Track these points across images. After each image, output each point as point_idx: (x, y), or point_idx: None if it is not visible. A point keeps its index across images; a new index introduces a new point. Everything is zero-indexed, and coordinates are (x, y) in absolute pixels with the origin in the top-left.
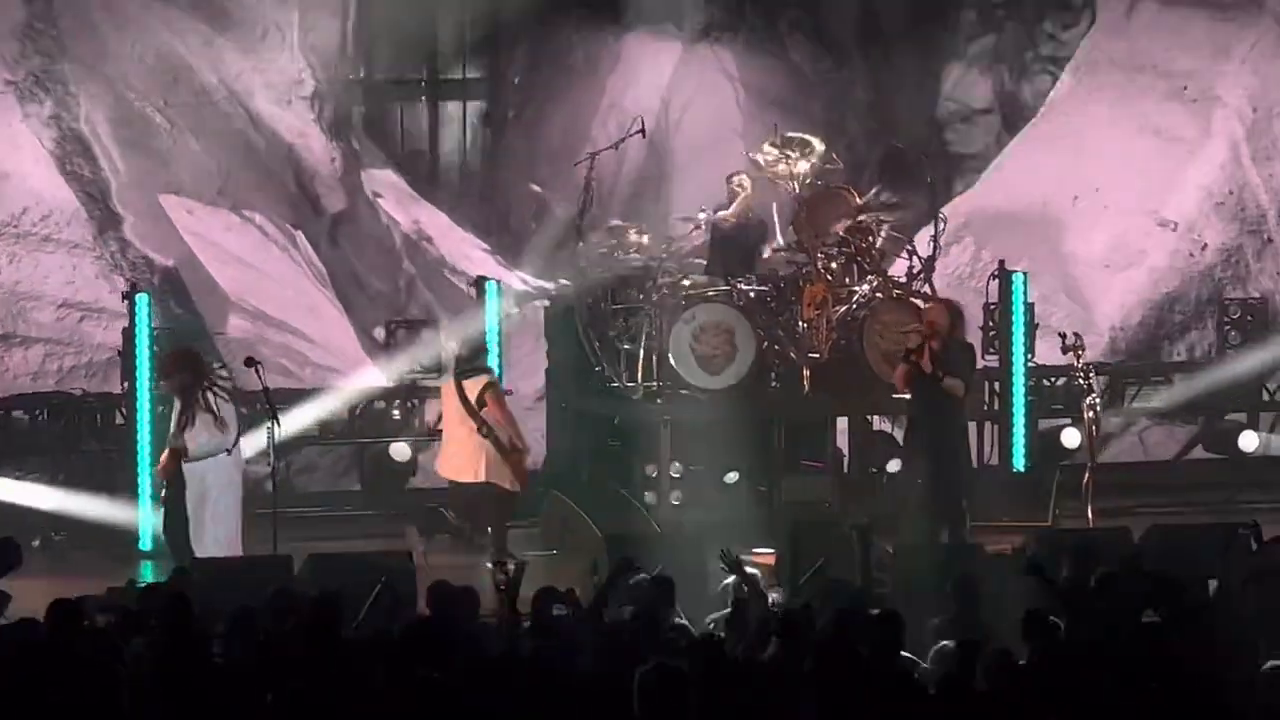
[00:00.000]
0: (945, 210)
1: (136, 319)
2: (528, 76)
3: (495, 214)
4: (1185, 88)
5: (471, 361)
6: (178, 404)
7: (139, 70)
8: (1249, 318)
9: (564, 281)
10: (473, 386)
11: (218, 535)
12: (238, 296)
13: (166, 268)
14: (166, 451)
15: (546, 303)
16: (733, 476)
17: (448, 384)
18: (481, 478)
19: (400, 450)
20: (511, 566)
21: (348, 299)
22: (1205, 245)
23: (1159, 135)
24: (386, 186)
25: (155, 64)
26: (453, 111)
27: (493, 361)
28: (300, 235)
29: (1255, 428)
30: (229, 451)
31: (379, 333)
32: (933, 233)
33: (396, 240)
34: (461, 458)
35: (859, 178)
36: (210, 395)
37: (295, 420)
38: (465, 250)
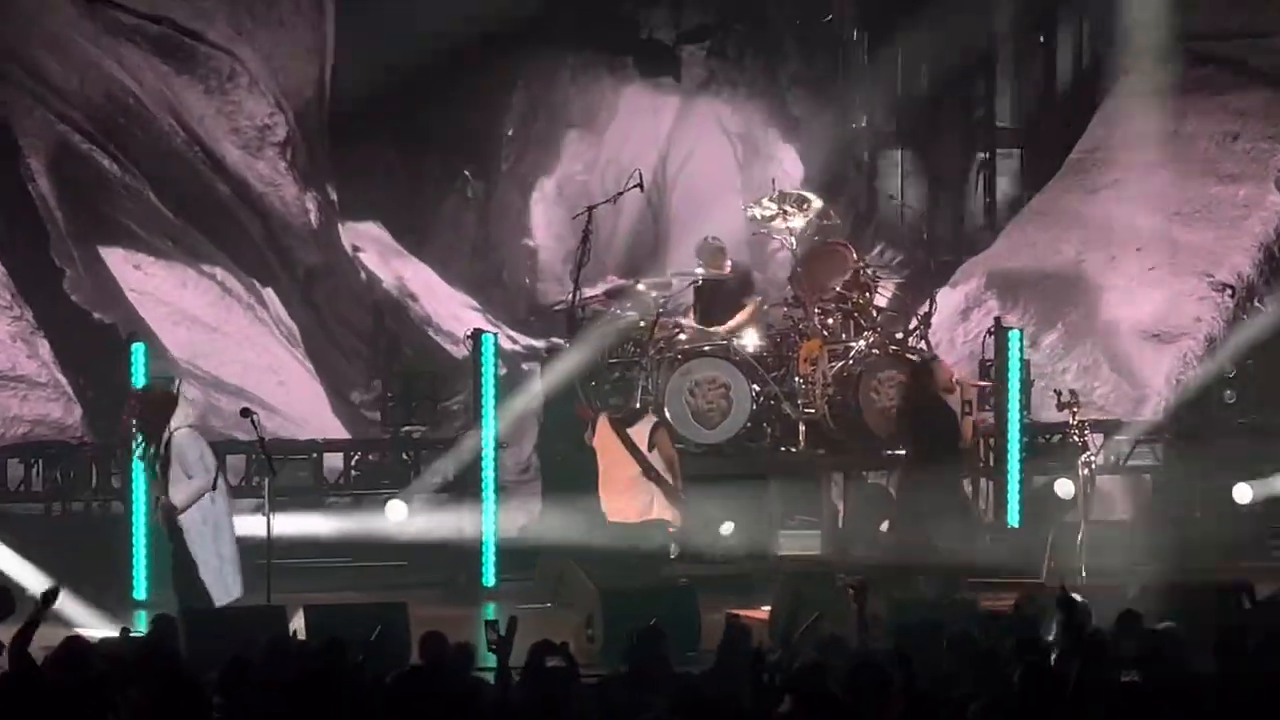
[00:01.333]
0: (963, 268)
1: (132, 368)
2: (522, 129)
3: (488, 270)
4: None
5: (625, 403)
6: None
7: (85, 110)
8: None
9: (556, 340)
10: (642, 429)
11: (225, 576)
12: (188, 360)
13: (103, 326)
14: (160, 510)
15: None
16: (728, 528)
17: (603, 426)
18: (653, 515)
19: (397, 509)
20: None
21: (322, 360)
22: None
23: (1211, 183)
24: (368, 240)
25: (105, 104)
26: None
27: (488, 417)
28: (269, 292)
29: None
30: (214, 489)
31: (356, 396)
32: (929, 289)
33: (377, 297)
34: (626, 499)
35: (861, 234)
36: (172, 440)
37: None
38: (453, 308)
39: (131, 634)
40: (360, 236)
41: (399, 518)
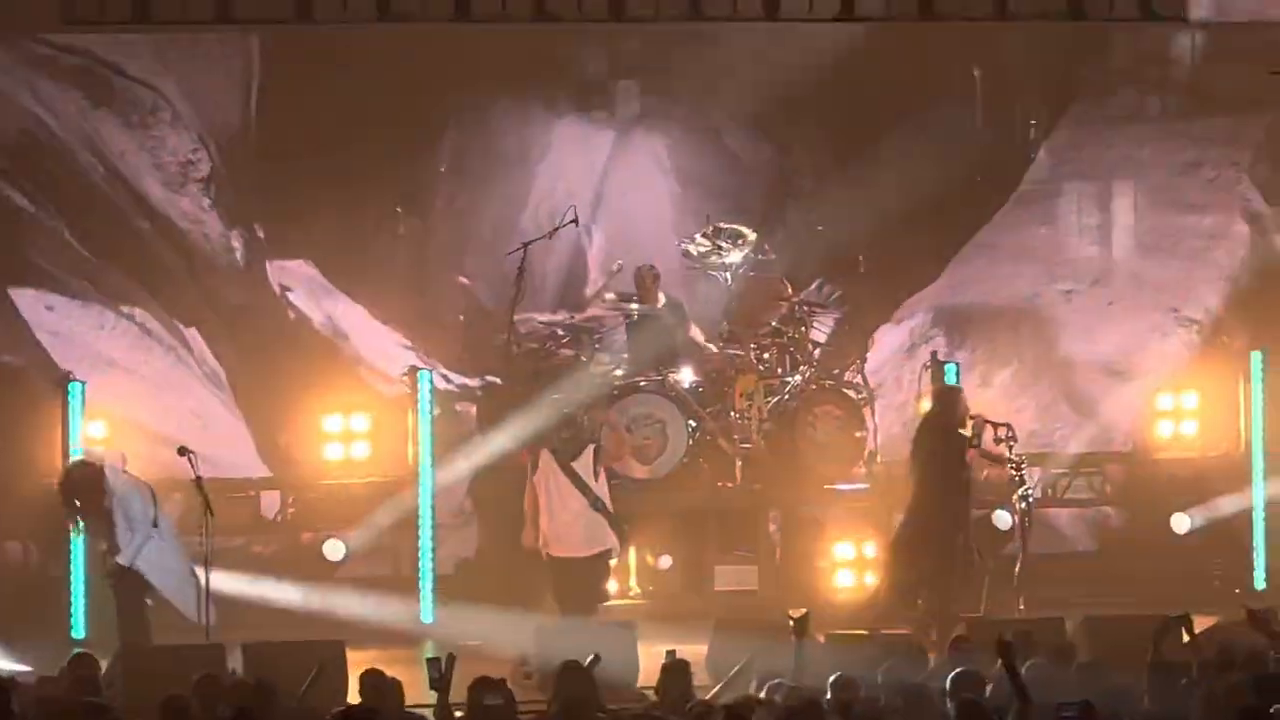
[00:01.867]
0: (907, 305)
1: (69, 409)
2: (455, 164)
3: (422, 307)
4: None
5: (573, 436)
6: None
7: None
8: None
9: (491, 378)
10: (585, 460)
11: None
12: (102, 406)
13: (14, 370)
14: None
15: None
16: (666, 561)
17: (547, 462)
18: (601, 547)
19: (334, 548)
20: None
21: (250, 403)
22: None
23: (1172, 214)
24: (298, 278)
25: (18, 137)
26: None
27: (425, 454)
28: (194, 333)
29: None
30: (155, 527)
31: (284, 440)
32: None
33: (307, 337)
34: (574, 532)
35: (800, 271)
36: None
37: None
38: (385, 346)
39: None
40: (289, 275)
41: (337, 556)
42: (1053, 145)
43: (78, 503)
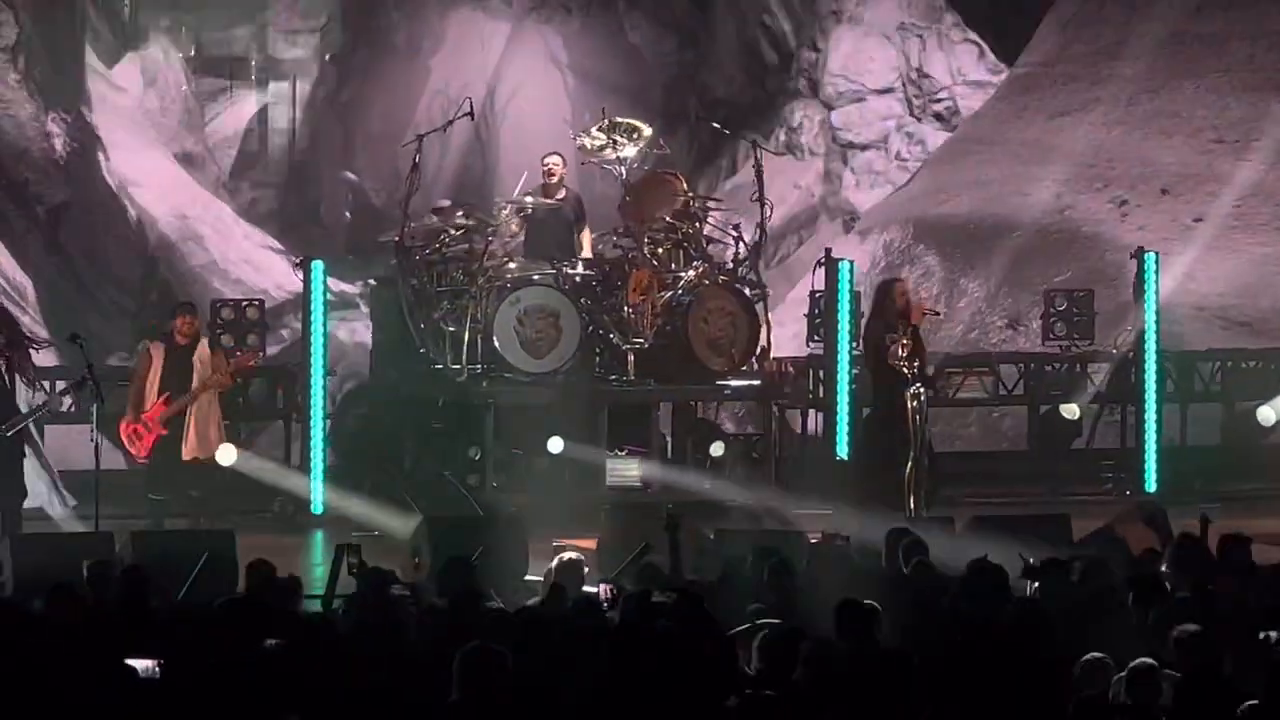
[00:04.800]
0: (871, 213)
1: None
2: (341, 55)
3: (305, 205)
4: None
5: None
6: None
7: None
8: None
9: (373, 281)
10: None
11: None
12: None
13: None
14: None
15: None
16: (556, 443)
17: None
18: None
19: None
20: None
21: (71, 319)
22: None
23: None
24: (148, 173)
25: None
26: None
27: (318, 346)
28: None
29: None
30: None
31: (115, 360)
32: (758, 219)
33: (150, 240)
34: (211, 435)
35: (707, 167)
36: None
37: None
38: (247, 250)
39: None
40: (137, 168)
41: (229, 460)
42: (1058, 15)
43: None
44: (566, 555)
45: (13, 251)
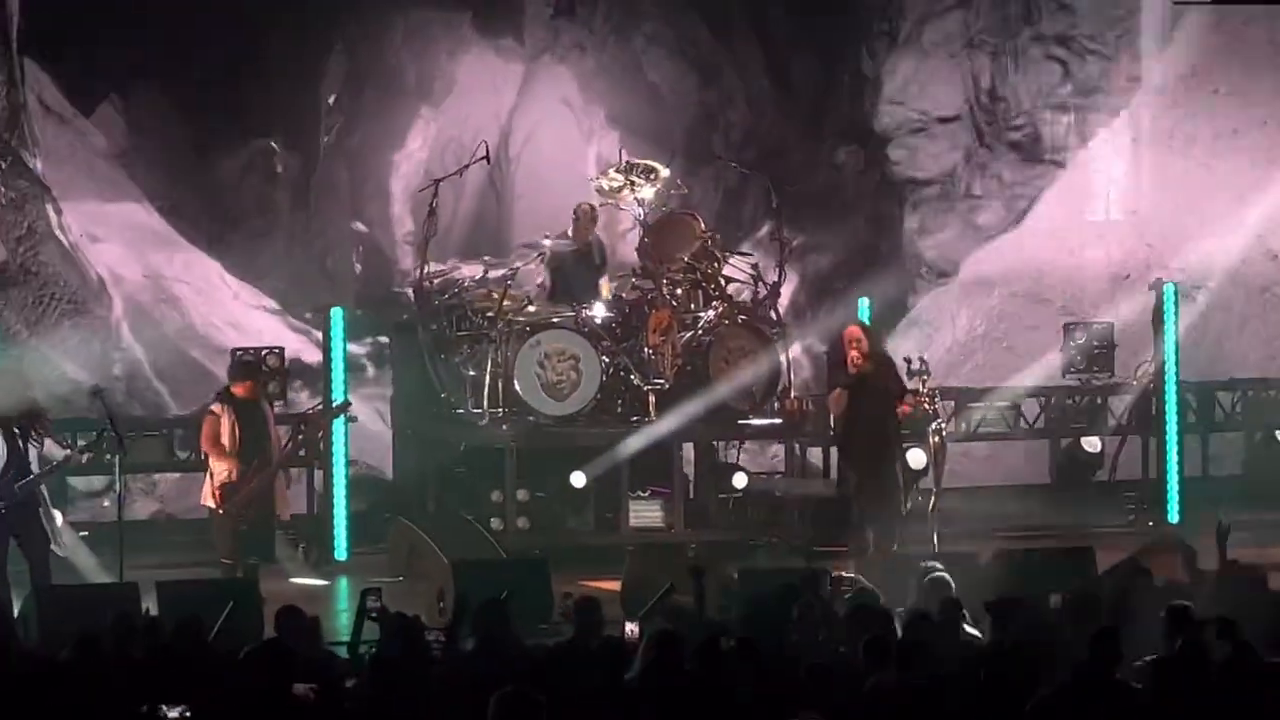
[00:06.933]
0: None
1: None
2: (347, 98)
3: (309, 257)
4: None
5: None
6: None
7: None
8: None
9: (382, 339)
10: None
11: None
12: None
13: None
14: None
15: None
16: (579, 477)
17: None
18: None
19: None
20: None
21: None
22: None
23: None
24: (117, 227)
25: None
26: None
27: (339, 391)
28: None
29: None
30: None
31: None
32: (778, 259)
33: (117, 307)
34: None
35: (732, 207)
36: None
37: None
38: (237, 312)
39: None
40: (102, 221)
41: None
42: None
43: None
44: (585, 597)
45: None
